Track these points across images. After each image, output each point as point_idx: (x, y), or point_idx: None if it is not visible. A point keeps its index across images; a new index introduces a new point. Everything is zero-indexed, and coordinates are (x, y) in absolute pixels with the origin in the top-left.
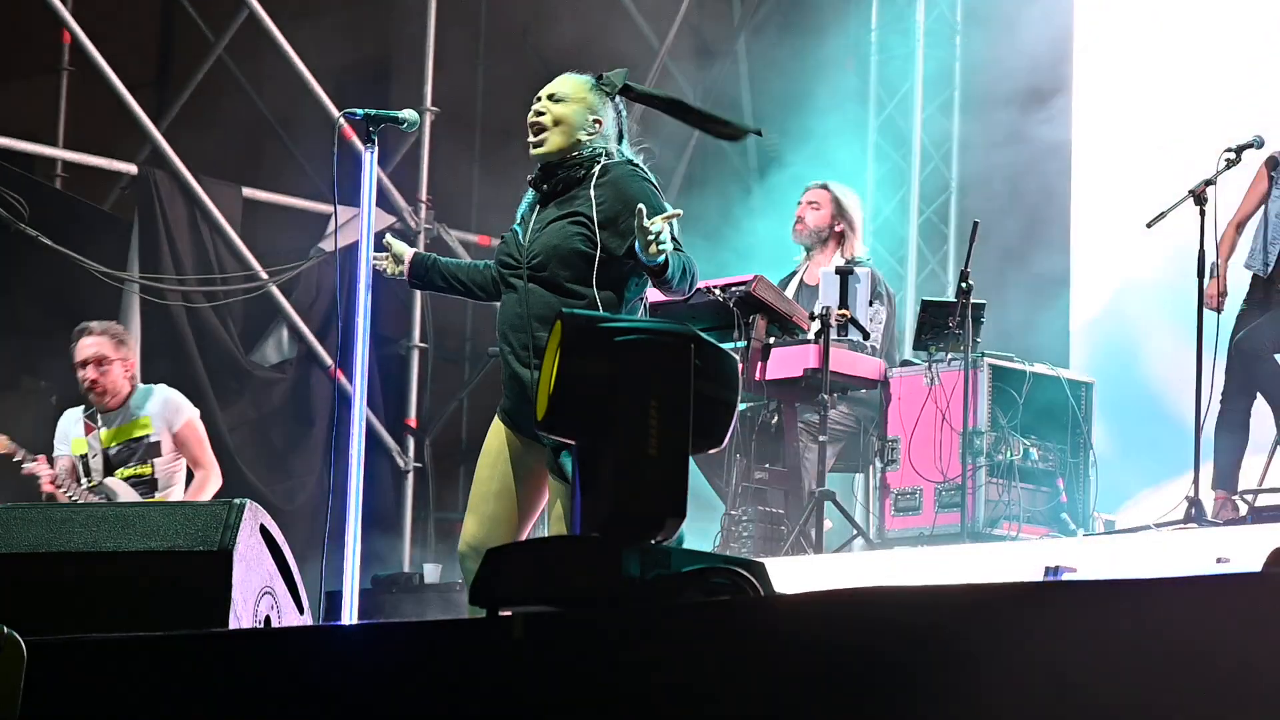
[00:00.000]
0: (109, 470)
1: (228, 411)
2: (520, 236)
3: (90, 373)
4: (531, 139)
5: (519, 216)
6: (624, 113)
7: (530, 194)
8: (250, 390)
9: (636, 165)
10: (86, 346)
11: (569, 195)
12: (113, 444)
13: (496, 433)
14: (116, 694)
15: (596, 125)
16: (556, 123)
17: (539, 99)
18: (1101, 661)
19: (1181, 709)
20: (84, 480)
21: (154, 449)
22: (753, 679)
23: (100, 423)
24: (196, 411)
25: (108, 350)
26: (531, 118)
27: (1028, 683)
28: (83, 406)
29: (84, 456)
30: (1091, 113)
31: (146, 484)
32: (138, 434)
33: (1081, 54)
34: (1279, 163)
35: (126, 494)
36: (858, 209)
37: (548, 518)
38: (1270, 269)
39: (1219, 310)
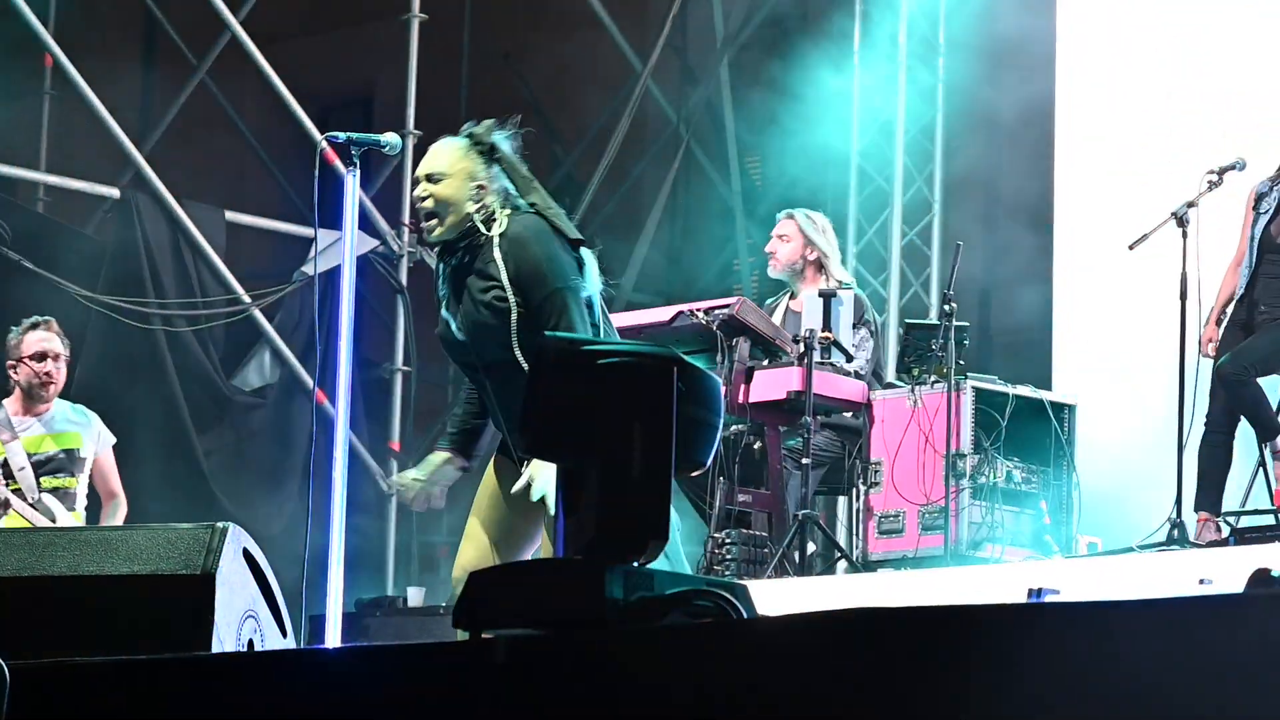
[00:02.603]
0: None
1: (205, 436)
2: (452, 327)
3: (49, 365)
4: (423, 225)
5: (441, 299)
6: (508, 154)
7: (441, 269)
8: (230, 415)
9: (534, 211)
10: (44, 339)
11: (475, 263)
12: (40, 450)
13: (496, 461)
14: (99, 718)
15: (480, 190)
16: (442, 204)
17: (417, 180)
18: (1084, 684)
19: None
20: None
21: (81, 465)
22: (736, 701)
23: (15, 429)
24: (113, 440)
25: (59, 347)
26: (416, 204)
27: (1010, 705)
28: None
29: (4, 461)
30: (1074, 134)
31: (67, 499)
32: (70, 445)
33: (1064, 76)
34: (1261, 195)
35: (60, 510)
36: (829, 232)
37: (542, 546)
38: (1243, 288)
39: (1210, 356)
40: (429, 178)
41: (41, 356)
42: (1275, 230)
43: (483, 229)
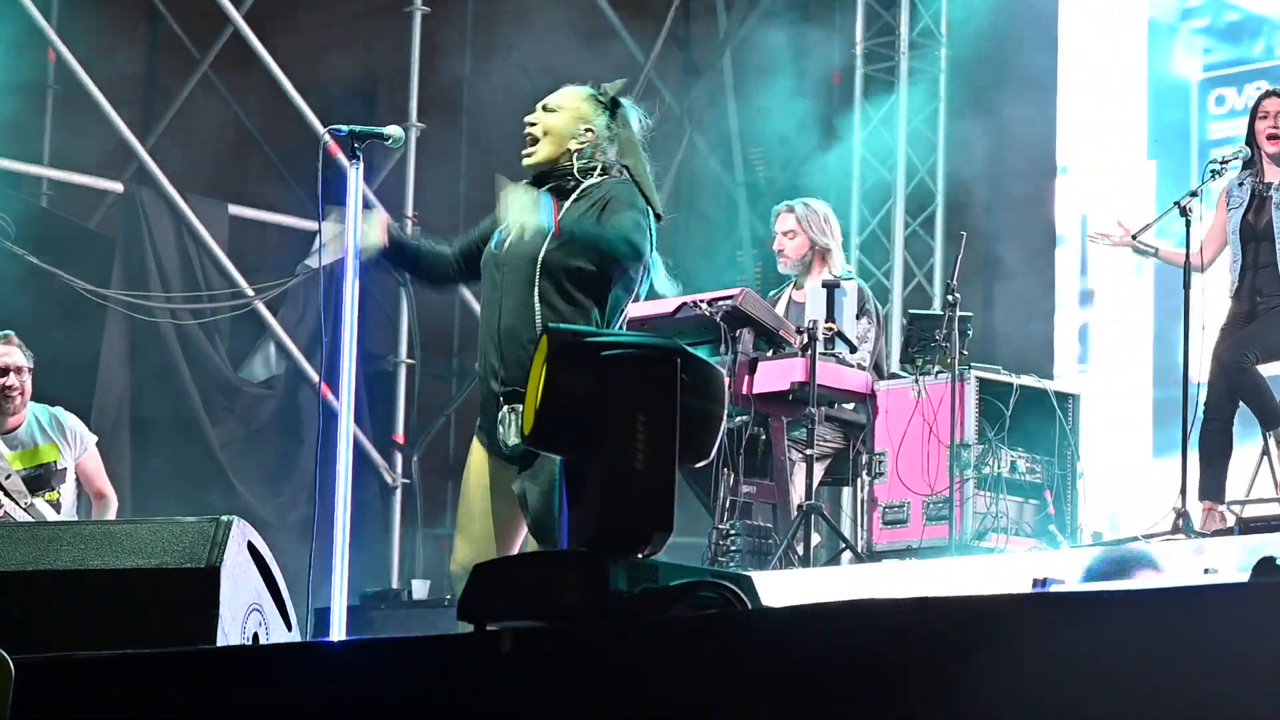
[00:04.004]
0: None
1: (219, 428)
2: (493, 240)
3: (12, 379)
4: (525, 150)
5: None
6: (627, 115)
7: None
8: (240, 407)
9: (630, 178)
10: (4, 354)
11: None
12: (24, 467)
13: (476, 454)
14: (104, 712)
15: (588, 134)
16: (546, 133)
17: (535, 110)
18: (1090, 673)
19: None
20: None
21: (61, 475)
22: (741, 693)
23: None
24: (94, 438)
25: (21, 360)
26: (526, 129)
27: (1015, 695)
28: None
29: None
30: (1077, 123)
31: (54, 509)
32: (47, 459)
33: (1067, 64)
34: (1230, 192)
35: (51, 516)
36: (830, 220)
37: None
38: (1237, 285)
39: (1105, 235)
40: (544, 107)
41: (3, 371)
42: (1253, 219)
43: (576, 175)
